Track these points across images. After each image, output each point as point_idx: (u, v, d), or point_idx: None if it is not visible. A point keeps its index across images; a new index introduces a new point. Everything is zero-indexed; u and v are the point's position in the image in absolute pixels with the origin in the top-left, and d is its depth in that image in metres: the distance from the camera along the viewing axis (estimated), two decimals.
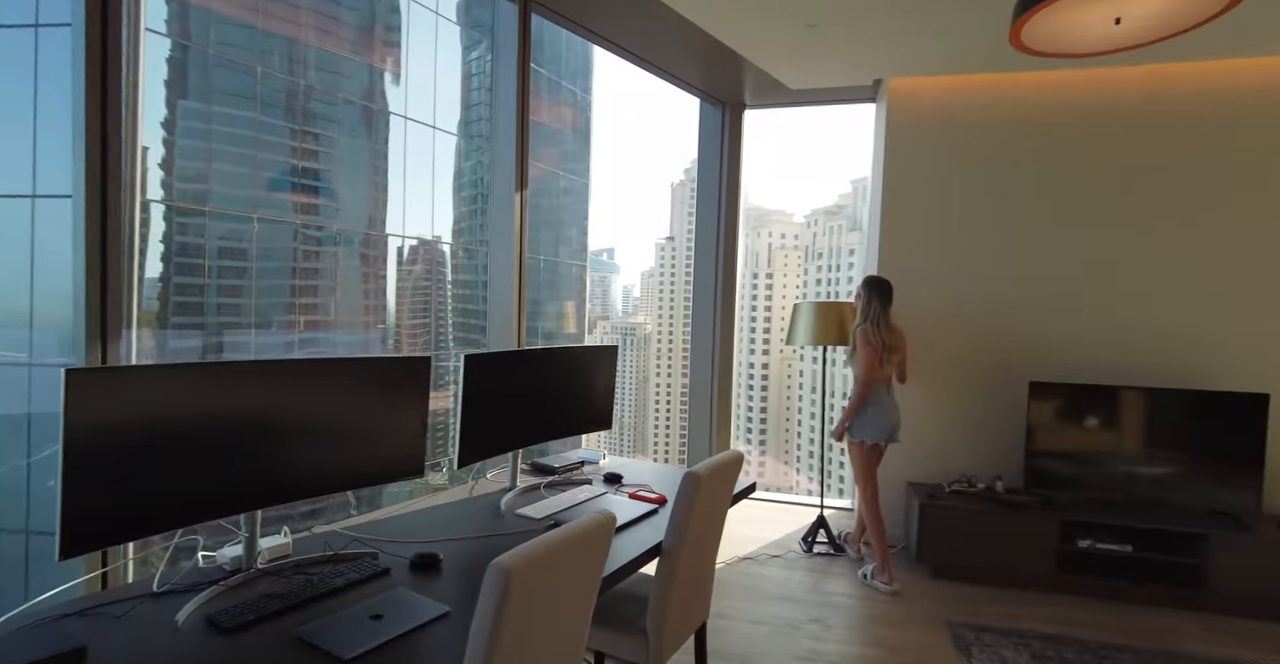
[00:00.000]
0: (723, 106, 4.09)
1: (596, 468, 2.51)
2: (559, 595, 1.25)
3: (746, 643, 2.51)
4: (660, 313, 41.95)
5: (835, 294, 36.31)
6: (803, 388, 37.62)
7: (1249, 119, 3.12)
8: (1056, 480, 3.16)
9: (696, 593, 1.94)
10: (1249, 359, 3.15)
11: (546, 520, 1.89)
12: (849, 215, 36.51)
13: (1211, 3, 1.54)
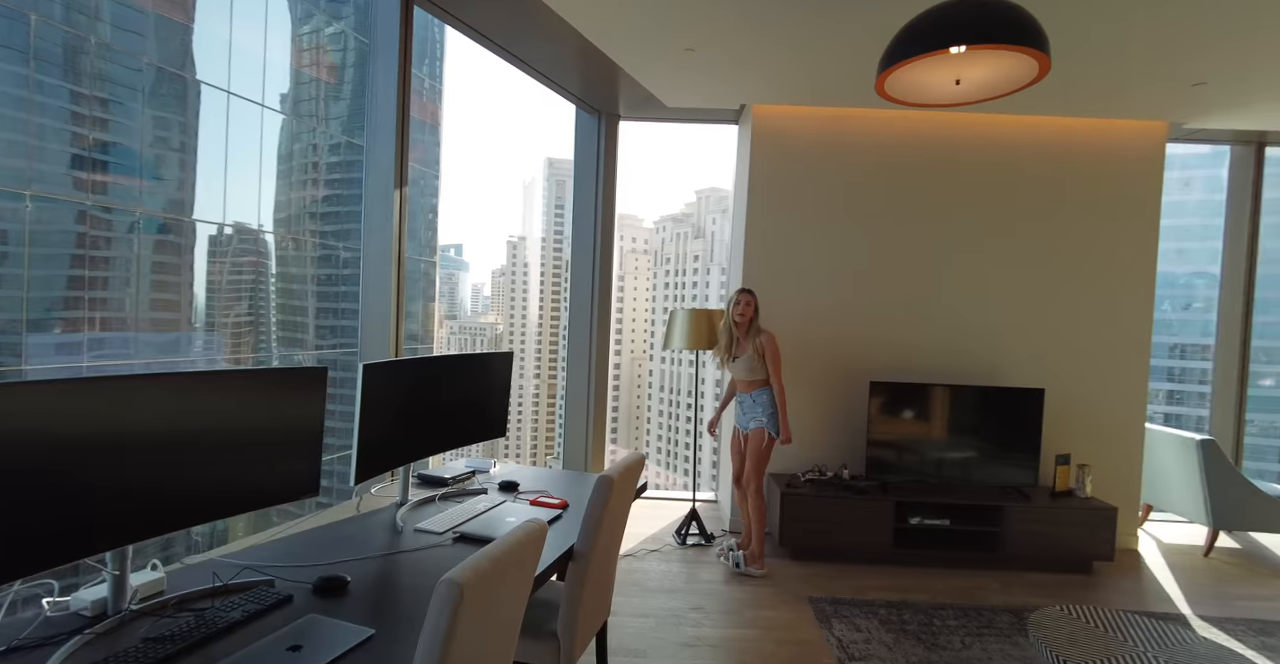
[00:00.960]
0: (600, 116, 4.18)
1: (488, 476, 2.48)
2: (502, 607, 1.26)
3: (638, 636, 2.61)
4: (513, 312, 41.23)
5: (681, 298, 37.92)
6: (652, 387, 38.85)
7: (1041, 164, 3.83)
8: (891, 467, 3.64)
9: (602, 592, 2.01)
10: (1030, 362, 3.86)
11: (450, 534, 1.85)
12: (694, 223, 38.39)
13: (1023, 77, 1.92)
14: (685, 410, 36.93)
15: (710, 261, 35.63)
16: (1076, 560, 3.43)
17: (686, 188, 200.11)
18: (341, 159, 6.22)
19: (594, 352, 4.21)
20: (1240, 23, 2.62)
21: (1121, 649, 1.95)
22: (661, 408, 37.79)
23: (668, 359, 38.32)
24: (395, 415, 1.93)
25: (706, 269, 35.92)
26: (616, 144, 4.23)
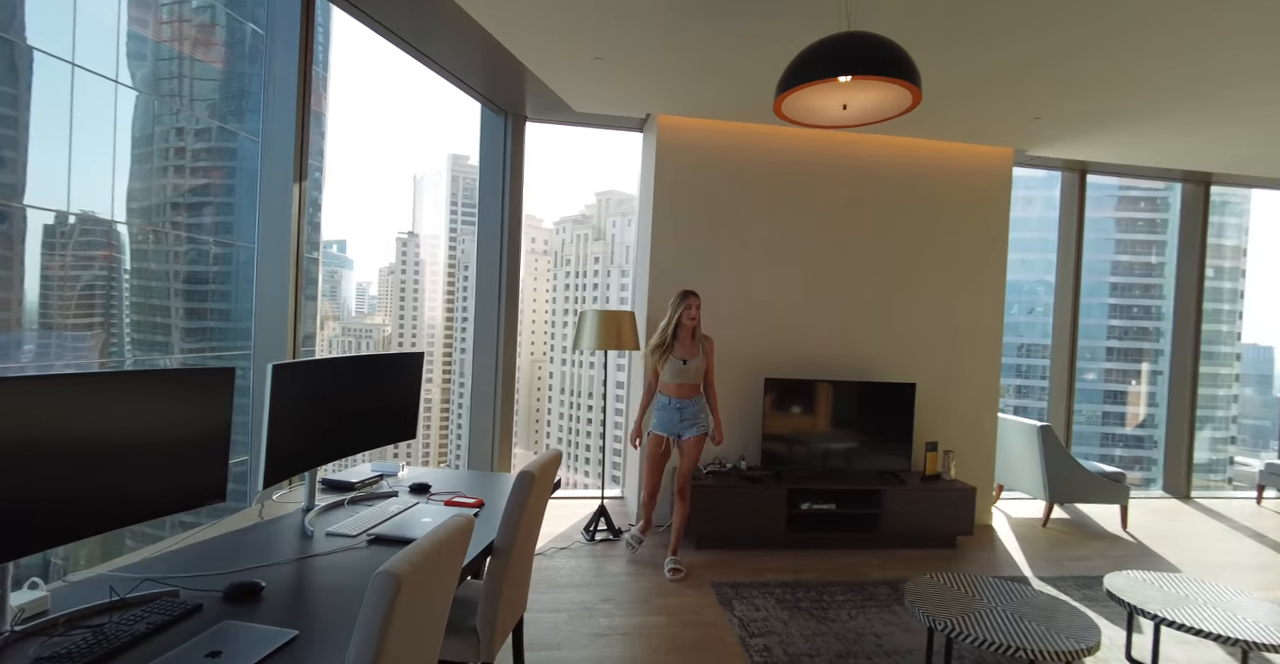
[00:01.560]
0: (506, 116, 4.18)
1: (398, 479, 2.44)
2: (433, 599, 1.28)
3: (551, 630, 2.67)
4: (403, 313, 39.38)
5: (582, 299, 37.90)
6: (553, 390, 38.47)
7: (913, 182, 4.25)
8: (784, 457, 3.91)
9: (520, 587, 2.05)
10: (903, 360, 4.28)
11: (364, 536, 1.82)
12: (595, 225, 38.54)
13: (899, 105, 2.17)
14: (586, 412, 36.99)
15: (611, 264, 35.92)
16: (943, 536, 3.85)
17: (587, 190, 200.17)
18: (213, 145, 5.73)
19: (501, 352, 4.19)
20: (1066, 70, 3.08)
21: (978, 606, 2.25)
22: (563, 410, 37.65)
23: (568, 361, 38.20)
24: (304, 418, 1.88)
25: (607, 271, 36.17)
26: (523, 145, 4.25)
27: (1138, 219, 28.00)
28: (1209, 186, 5.32)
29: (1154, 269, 27.63)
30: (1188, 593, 2.39)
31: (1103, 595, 3.23)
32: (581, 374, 36.74)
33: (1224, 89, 3.25)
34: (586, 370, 37.01)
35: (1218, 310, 22.56)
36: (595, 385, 37.71)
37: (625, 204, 36.28)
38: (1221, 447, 16.55)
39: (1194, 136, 4.03)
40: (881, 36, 1.98)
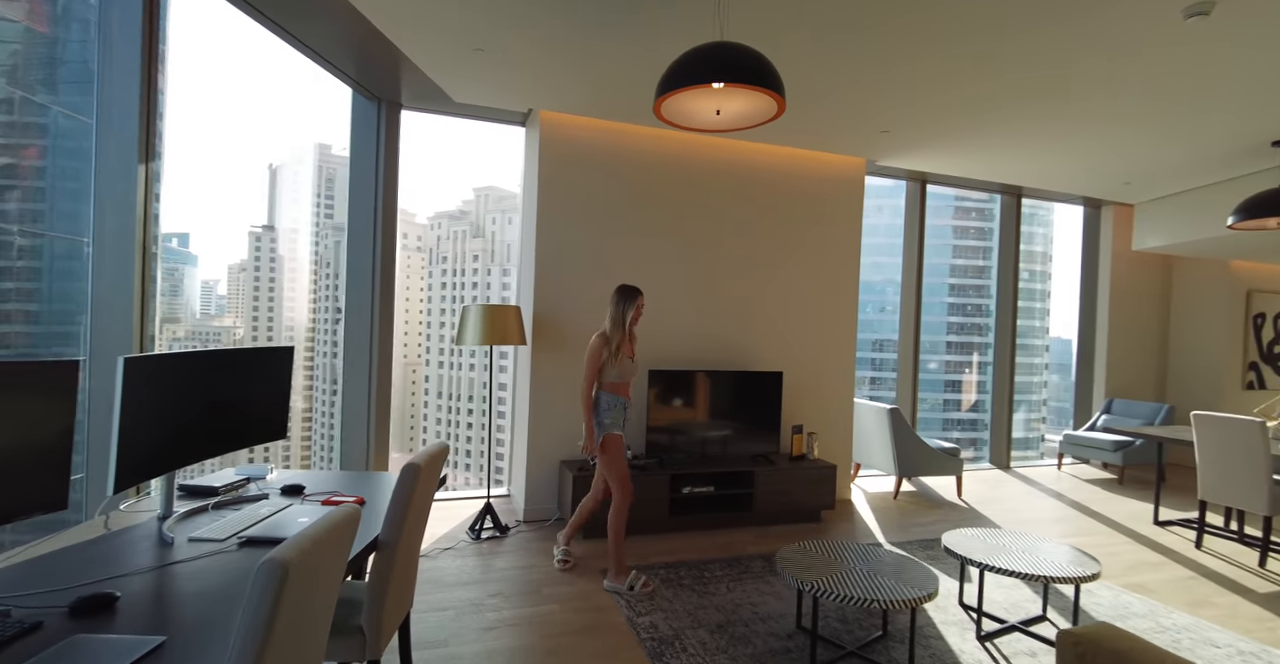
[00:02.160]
0: (380, 103, 4.01)
1: (266, 482, 2.30)
2: (320, 590, 1.25)
3: (438, 628, 2.62)
4: (257, 313, 35.97)
5: (460, 298, 36.65)
6: (429, 393, 36.86)
7: (780, 185, 4.57)
8: (667, 445, 4.07)
9: (406, 584, 2.01)
10: (773, 351, 4.60)
11: (234, 540, 1.72)
12: (473, 222, 37.40)
13: (767, 113, 2.37)
14: (466, 416, 35.81)
15: (491, 262, 35.02)
16: (809, 511, 4.20)
17: (465, 185, 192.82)
18: (15, 119, 4.98)
19: (375, 352, 4.02)
20: (909, 91, 3.48)
21: (839, 568, 2.50)
22: (440, 415, 36.20)
23: (445, 363, 36.80)
24: (160, 417, 1.73)
25: (488, 270, 35.22)
26: (398, 134, 4.09)
27: (970, 227, 31.69)
28: (1020, 198, 6.18)
29: (983, 272, 31.42)
30: (1005, 544, 2.80)
31: (943, 554, 3.68)
32: (460, 376, 35.54)
33: (1024, 115, 3.82)
34: (465, 373, 35.86)
35: (1030, 308, 26.17)
36: (475, 387, 36.66)
37: (506, 201, 35.50)
38: (1035, 425, 19.25)
39: (1005, 153, 4.69)
40: (752, 49, 2.16)
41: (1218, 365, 6.36)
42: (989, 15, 2.69)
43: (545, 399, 4.04)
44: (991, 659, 2.51)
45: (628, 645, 2.55)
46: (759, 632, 2.69)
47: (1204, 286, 6.52)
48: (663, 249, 4.30)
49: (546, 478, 4.06)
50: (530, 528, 3.91)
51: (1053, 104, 3.64)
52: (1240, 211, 4.06)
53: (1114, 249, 6.41)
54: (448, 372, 36.56)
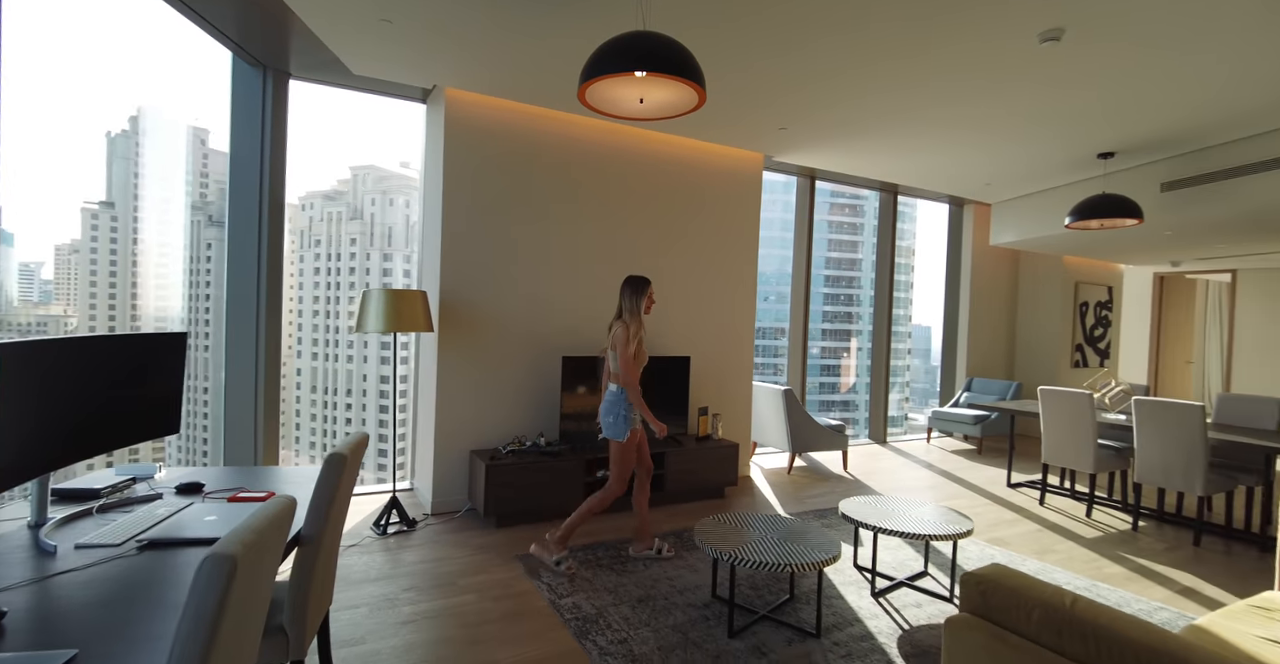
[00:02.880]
0: (265, 70, 3.68)
1: (155, 482, 2.10)
2: (262, 588, 1.18)
3: (353, 626, 2.51)
4: (94, 301, 31.76)
5: (338, 284, 34.39)
6: (301, 387, 34.33)
7: (689, 176, 4.69)
8: (581, 430, 4.10)
9: (328, 579, 1.92)
10: (681, 336, 4.75)
11: (132, 543, 1.56)
12: (350, 203, 35.08)
13: (687, 104, 2.44)
14: (344, 410, 33.69)
15: (371, 246, 33.03)
16: (716, 488, 4.40)
17: (340, 162, 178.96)
18: None
19: (263, 343, 3.72)
20: (802, 91, 3.70)
21: (750, 536, 2.67)
22: (314, 411, 33.83)
23: (320, 354, 34.38)
24: (29, 414, 1.53)
25: (367, 254, 33.18)
26: (287, 107, 3.78)
27: (843, 221, 33.99)
28: (896, 195, 6.75)
29: (855, 264, 33.87)
30: (891, 509, 3.10)
31: (836, 522, 4.00)
32: (339, 369, 33.37)
33: (905, 120, 4.18)
34: (344, 364, 33.72)
35: (896, 297, 28.70)
36: (354, 380, 34.57)
37: (388, 181, 33.56)
38: (902, 404, 21.24)
39: (886, 154, 5.10)
40: (675, 40, 2.22)
41: (1053, 346, 7.31)
42: (870, 40, 2.91)
43: (454, 388, 3.94)
44: (885, 613, 2.79)
45: (552, 627, 2.58)
46: (678, 603, 2.81)
47: (1043, 278, 7.45)
48: (574, 235, 4.30)
49: (455, 469, 3.96)
50: (439, 520, 3.81)
51: (928, 111, 4.01)
52: (1073, 213, 4.69)
53: (974, 244, 7.17)
54: (323, 364, 34.21)
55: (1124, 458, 4.42)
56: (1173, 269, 8.26)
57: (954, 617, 1.44)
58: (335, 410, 33.74)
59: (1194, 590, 3.15)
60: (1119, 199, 4.48)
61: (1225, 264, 7.83)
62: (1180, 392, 8.57)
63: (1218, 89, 3.55)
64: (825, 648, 2.46)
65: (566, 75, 3.53)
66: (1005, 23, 2.87)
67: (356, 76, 3.74)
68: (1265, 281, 7.68)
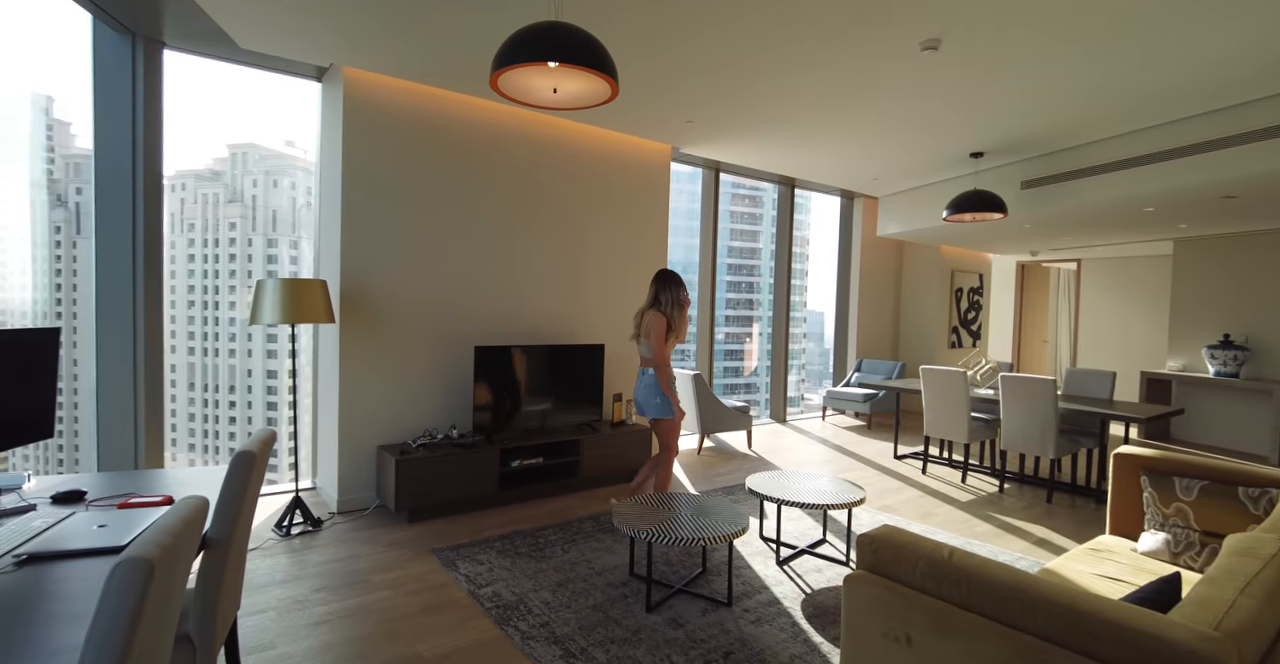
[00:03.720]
0: (134, 38, 3.33)
1: (24, 492, 1.91)
2: (176, 593, 1.13)
3: (260, 630, 2.40)
4: None
5: (217, 272, 31.66)
6: (176, 386, 31.41)
7: (601, 166, 4.71)
8: (495, 420, 4.07)
9: (236, 584, 1.84)
10: (595, 324, 4.80)
11: (9, 558, 1.44)
12: (228, 184, 32.25)
13: (600, 96, 2.48)
14: (228, 409, 31.17)
15: (253, 230, 30.57)
16: (629, 471, 4.51)
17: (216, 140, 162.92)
18: None
19: (142, 336, 3.41)
20: (705, 87, 3.83)
21: (666, 515, 2.79)
22: (193, 410, 31.12)
23: (197, 349, 31.58)
24: None
25: (248, 239, 30.67)
26: (161, 80, 3.45)
27: (745, 212, 35.14)
28: (793, 189, 7.10)
29: (755, 253, 35.16)
30: (792, 483, 3.33)
31: (744, 498, 4.22)
32: (220, 364, 30.79)
33: (800, 118, 4.43)
34: (225, 359, 31.14)
35: (794, 285, 30.18)
36: (237, 375, 31.98)
37: (272, 162, 31.10)
38: (799, 385, 22.44)
39: (784, 149, 5.36)
40: (588, 33, 2.24)
41: (932, 329, 7.99)
42: (765, 52, 3.07)
43: (358, 381, 3.79)
44: (790, 579, 3.00)
45: (472, 617, 2.59)
46: (597, 584, 2.89)
47: (923, 267, 8.10)
48: (486, 222, 4.23)
49: (362, 465, 3.83)
50: (347, 519, 3.68)
51: (820, 111, 4.25)
52: (949, 207, 5.15)
53: (863, 235, 7.67)
54: (200, 359, 31.45)
55: (992, 428, 4.95)
56: (1032, 258, 9.23)
57: (851, 574, 1.60)
58: (218, 409, 31.20)
59: (1047, 541, 3.61)
60: (988, 195, 4.96)
61: (1072, 254, 8.84)
62: (1038, 367, 9.62)
63: (1068, 100, 4.00)
64: (736, 615, 2.63)
65: (476, 59, 3.46)
66: (890, 31, 3.11)
67: (244, 51, 3.47)
68: (1104, 270, 8.75)
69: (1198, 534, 2.35)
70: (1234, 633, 1.18)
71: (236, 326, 30.79)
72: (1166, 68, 3.46)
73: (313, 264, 4.16)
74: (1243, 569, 1.43)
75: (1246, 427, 6.12)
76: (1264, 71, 3.46)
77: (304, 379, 4.28)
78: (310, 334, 4.27)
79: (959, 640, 1.34)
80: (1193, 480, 2.44)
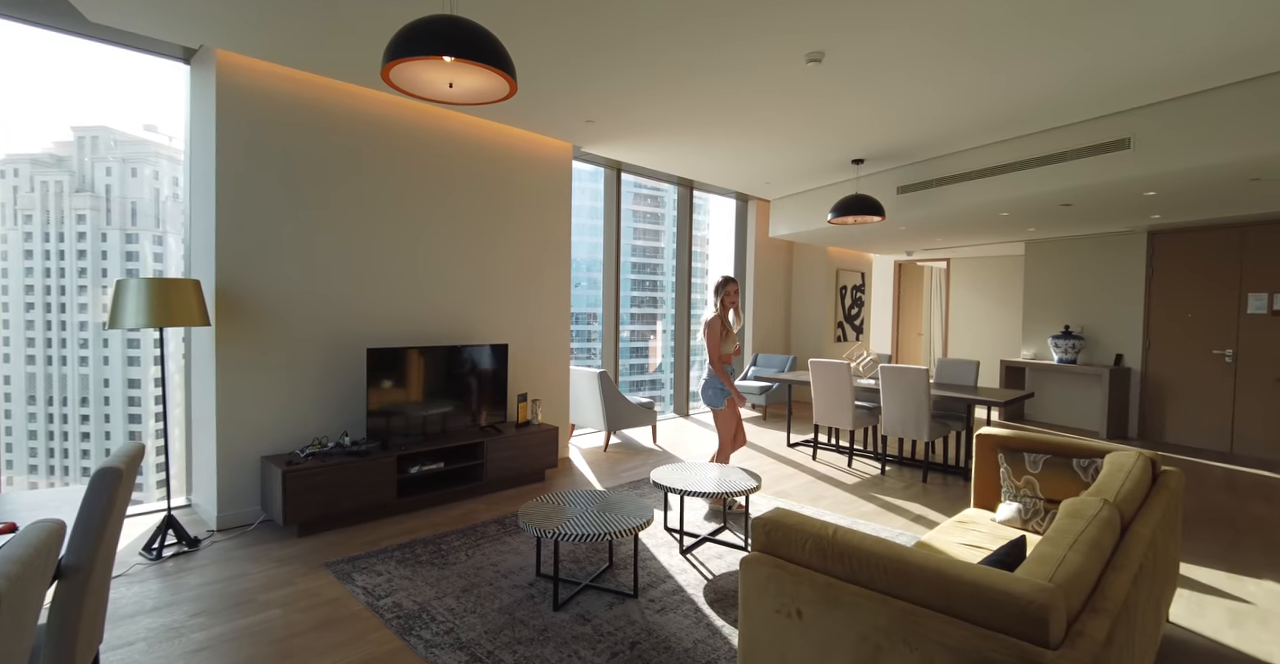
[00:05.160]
0: None
1: None
2: (25, 629, 1.02)
3: None
4: None
5: (63, 271, 28.18)
6: (10, 400, 27.65)
7: (502, 163, 4.62)
8: (391, 425, 3.92)
9: (99, 613, 1.68)
10: (498, 324, 4.72)
11: None
12: (75, 171, 28.74)
13: (497, 92, 2.46)
14: (79, 423, 27.81)
15: (107, 224, 27.43)
16: (536, 472, 4.49)
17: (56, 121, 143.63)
18: None
19: None
20: (605, 88, 3.87)
21: (572, 512, 2.81)
22: (34, 426, 27.54)
23: (39, 357, 27.95)
24: None
25: (102, 234, 27.49)
26: None
27: (647, 212, 35.62)
28: (692, 190, 7.30)
29: (658, 252, 35.74)
30: (695, 474, 3.45)
31: (649, 491, 4.31)
32: (70, 373, 27.40)
33: (696, 122, 4.58)
34: (77, 368, 27.76)
35: (695, 283, 31.04)
36: (91, 386, 28.55)
37: (128, 148, 28.04)
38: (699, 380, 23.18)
39: (681, 152, 5.52)
40: (485, 28, 2.22)
41: (820, 324, 8.48)
42: (657, 61, 3.17)
43: (238, 388, 3.53)
44: (693, 567, 3.11)
45: (372, 629, 2.49)
46: (503, 586, 2.87)
47: (811, 266, 8.59)
48: (381, 220, 4.05)
49: (245, 478, 3.57)
50: (228, 536, 3.42)
51: (714, 116, 4.42)
52: (834, 210, 5.49)
53: (757, 236, 8.02)
54: (44, 368, 27.88)
55: (874, 415, 5.34)
56: (907, 258, 10.00)
57: (747, 556, 1.70)
58: (66, 424, 27.81)
59: (923, 517, 3.96)
60: (868, 199, 5.34)
61: (942, 254, 9.67)
62: (914, 358, 10.45)
63: (934, 114, 4.39)
64: (642, 606, 2.69)
65: (366, 48, 3.31)
66: (777, 44, 3.28)
67: (94, 25, 3.13)
68: (969, 268, 9.63)
69: (1042, 502, 2.67)
70: (1063, 583, 1.36)
71: (90, 331, 27.54)
72: (1015, 90, 3.88)
73: (183, 262, 3.82)
74: (1072, 528, 1.65)
75: (1083, 406, 6.97)
76: (1091, 97, 3.96)
77: (174, 387, 3.92)
78: (179, 339, 3.92)
79: (843, 610, 1.46)
80: (1038, 455, 2.77)
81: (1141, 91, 3.85)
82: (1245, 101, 3.64)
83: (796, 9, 2.92)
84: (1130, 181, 4.37)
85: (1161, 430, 6.43)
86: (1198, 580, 3.06)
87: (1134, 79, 3.66)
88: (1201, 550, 3.44)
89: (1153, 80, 3.68)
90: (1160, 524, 2.02)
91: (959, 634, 1.29)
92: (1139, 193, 4.73)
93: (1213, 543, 3.56)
